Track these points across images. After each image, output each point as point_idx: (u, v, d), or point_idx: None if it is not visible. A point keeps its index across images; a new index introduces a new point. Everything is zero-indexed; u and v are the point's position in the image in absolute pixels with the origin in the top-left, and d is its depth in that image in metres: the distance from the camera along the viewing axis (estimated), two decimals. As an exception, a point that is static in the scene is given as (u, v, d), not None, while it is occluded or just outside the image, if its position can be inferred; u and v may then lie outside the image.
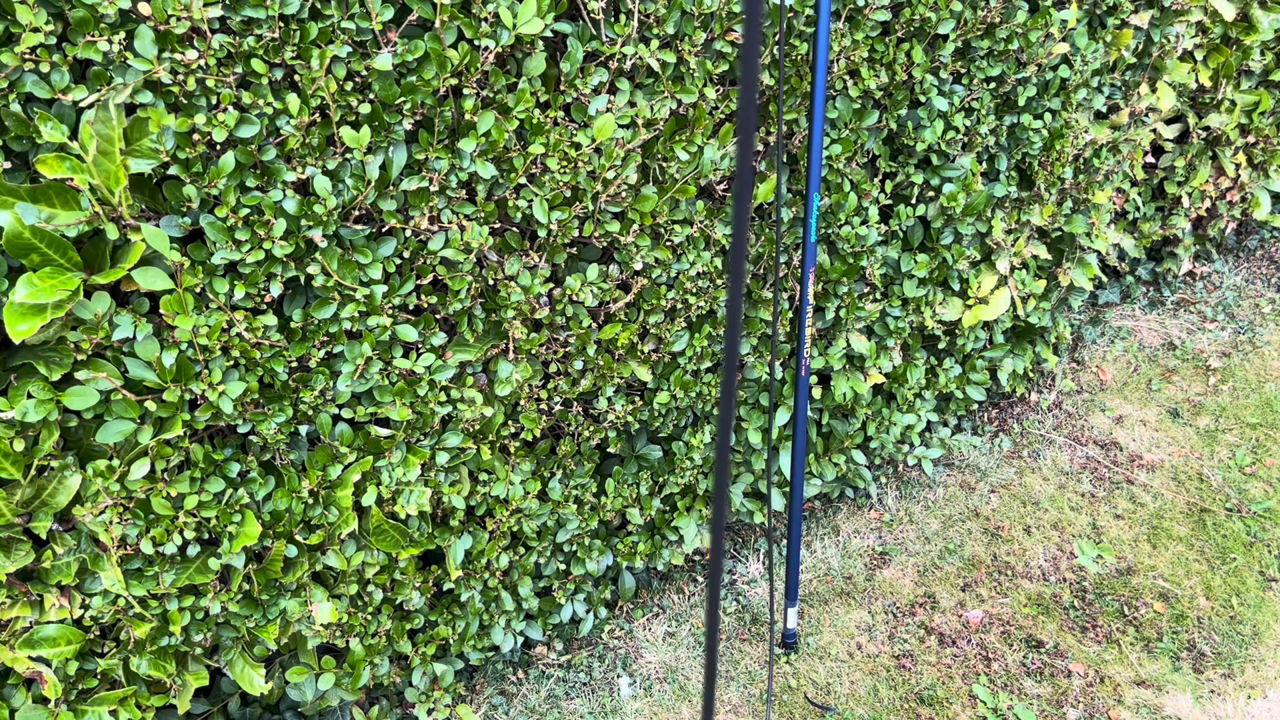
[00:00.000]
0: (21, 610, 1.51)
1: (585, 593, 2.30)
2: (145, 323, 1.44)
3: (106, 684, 1.65)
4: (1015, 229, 2.55)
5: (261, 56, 1.41)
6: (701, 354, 2.10)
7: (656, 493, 2.27)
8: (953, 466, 2.85)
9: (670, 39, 1.76)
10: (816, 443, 2.48)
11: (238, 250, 1.47)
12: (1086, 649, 2.32)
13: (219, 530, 1.61)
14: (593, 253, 1.93)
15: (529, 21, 1.55)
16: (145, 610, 1.60)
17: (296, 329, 1.60)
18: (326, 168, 1.52)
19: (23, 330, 1.27)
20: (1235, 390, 3.04)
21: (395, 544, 1.81)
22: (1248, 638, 2.31)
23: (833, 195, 2.14)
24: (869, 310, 2.33)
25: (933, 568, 2.56)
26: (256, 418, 1.60)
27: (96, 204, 1.35)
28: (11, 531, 1.45)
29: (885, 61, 2.05)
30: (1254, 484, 2.72)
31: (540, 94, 1.66)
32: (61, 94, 1.29)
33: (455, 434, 1.83)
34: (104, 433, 1.46)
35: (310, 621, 1.80)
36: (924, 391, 2.60)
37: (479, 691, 2.28)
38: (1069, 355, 3.21)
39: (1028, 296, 2.64)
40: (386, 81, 1.50)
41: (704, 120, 1.81)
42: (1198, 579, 2.47)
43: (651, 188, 1.83)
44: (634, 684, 2.31)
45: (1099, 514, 2.67)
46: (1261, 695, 2.19)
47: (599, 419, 2.08)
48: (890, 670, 2.30)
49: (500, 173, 1.67)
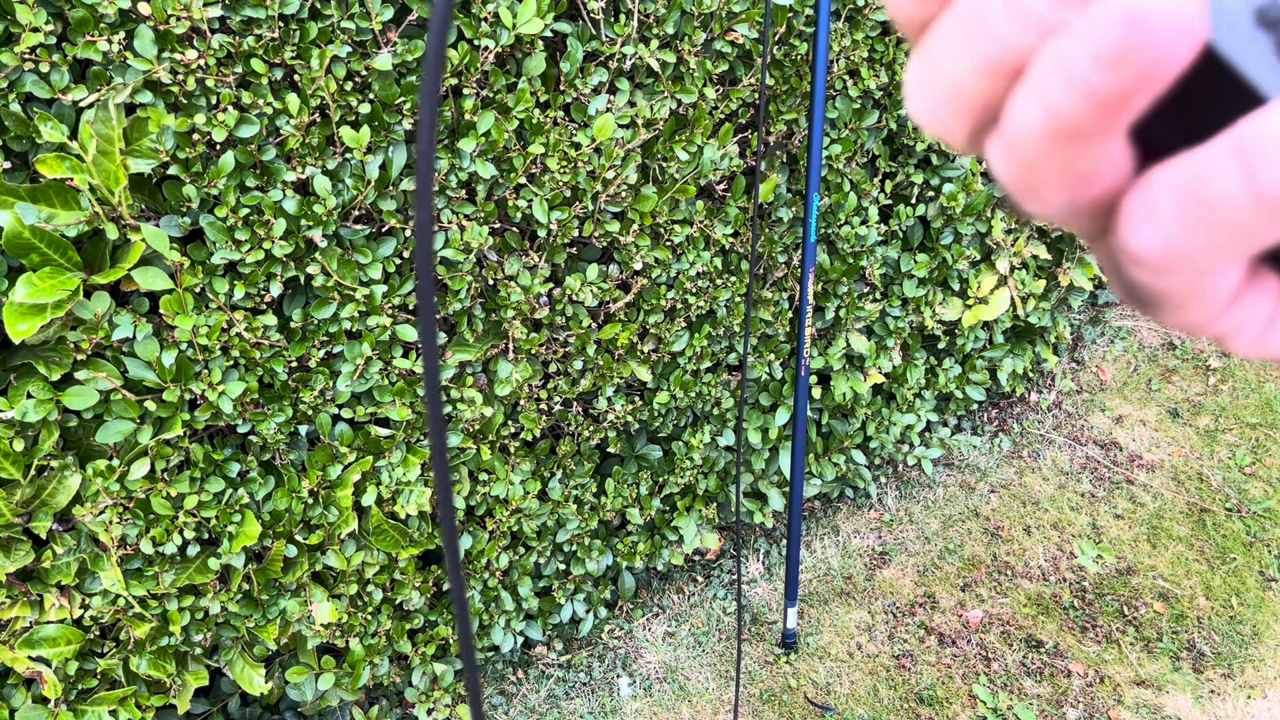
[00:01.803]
0: (21, 610, 1.51)
1: (585, 593, 2.30)
2: (145, 323, 1.44)
3: (106, 684, 1.65)
4: (1015, 229, 2.55)
5: (261, 56, 1.41)
6: (701, 354, 2.10)
7: (656, 493, 2.27)
8: (952, 466, 2.85)
9: (670, 39, 1.76)
10: (816, 443, 2.48)
11: (237, 250, 1.47)
12: (1086, 649, 2.32)
13: (219, 530, 1.61)
14: (592, 253, 1.93)
15: (529, 21, 1.55)
16: (145, 610, 1.60)
17: (296, 329, 1.60)
18: (326, 168, 1.52)
19: (22, 330, 1.27)
20: (1235, 390, 3.04)
21: (395, 544, 1.81)
22: (1247, 638, 2.31)
23: (833, 195, 2.14)
24: (869, 310, 2.33)
25: (933, 568, 2.56)
26: (256, 418, 1.60)
27: (96, 204, 1.35)
28: (11, 531, 1.45)
29: (885, 61, 2.05)
30: (1254, 484, 2.72)
31: (540, 94, 1.66)
32: (61, 94, 1.29)
33: (455, 434, 1.83)
34: (104, 433, 1.46)
35: (310, 621, 1.80)
36: (924, 391, 2.60)
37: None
38: (1069, 355, 3.21)
39: (1028, 296, 2.64)
40: (386, 81, 1.50)
41: (704, 120, 1.81)
42: (1197, 579, 2.47)
43: (651, 188, 1.83)
44: (634, 684, 2.31)
45: (1099, 514, 2.67)
46: (1261, 695, 2.19)
47: (599, 419, 2.08)
48: (890, 670, 2.30)
49: (500, 173, 1.67)
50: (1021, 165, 0.21)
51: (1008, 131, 0.21)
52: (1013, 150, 0.21)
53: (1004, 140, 0.21)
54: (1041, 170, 0.21)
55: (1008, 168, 0.21)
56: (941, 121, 0.22)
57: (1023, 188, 0.21)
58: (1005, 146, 0.21)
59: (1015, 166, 0.21)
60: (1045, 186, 0.21)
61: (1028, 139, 0.20)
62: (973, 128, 0.22)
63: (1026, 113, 0.20)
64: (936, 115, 0.22)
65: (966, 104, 0.21)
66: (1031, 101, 0.20)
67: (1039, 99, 0.19)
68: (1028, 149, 0.20)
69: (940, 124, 0.22)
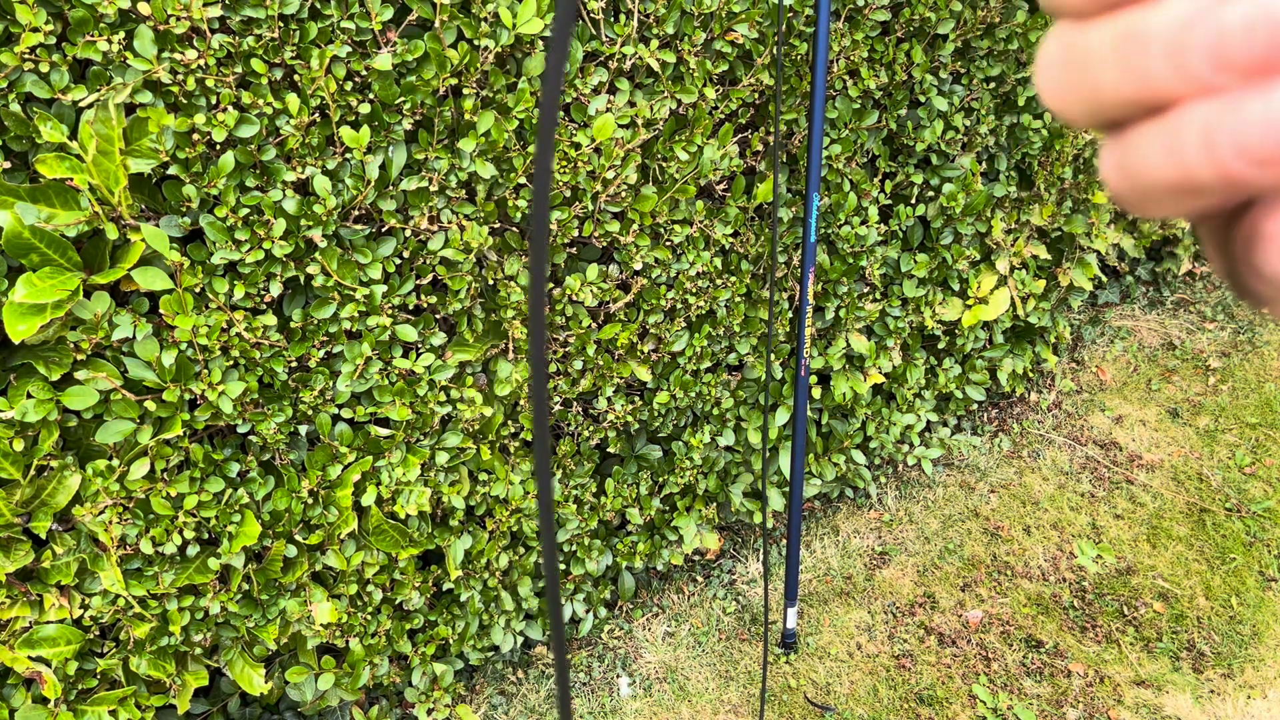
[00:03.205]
0: (21, 610, 1.51)
1: (585, 593, 2.30)
2: (145, 323, 1.44)
3: (106, 684, 1.65)
4: (1015, 229, 2.55)
5: (261, 56, 1.41)
6: (701, 354, 2.10)
7: (656, 493, 2.27)
8: (952, 466, 2.85)
9: (670, 39, 1.76)
10: (816, 443, 2.48)
11: (237, 250, 1.46)
12: (1086, 649, 2.32)
13: (219, 530, 1.61)
14: (592, 253, 1.93)
15: (529, 21, 1.55)
16: (145, 610, 1.60)
17: (296, 329, 1.60)
18: (326, 168, 1.52)
19: (22, 330, 1.27)
20: (1235, 390, 3.04)
21: (395, 544, 1.81)
22: (1247, 638, 2.31)
23: (832, 195, 2.14)
24: (869, 310, 2.33)
25: (932, 568, 2.56)
26: (256, 418, 1.60)
27: (96, 204, 1.35)
28: (11, 531, 1.45)
29: (885, 61, 2.05)
30: (1254, 484, 2.72)
31: (540, 94, 1.66)
32: (61, 94, 1.29)
33: (455, 434, 1.83)
34: (104, 433, 1.46)
35: (310, 621, 1.80)
36: (924, 391, 2.60)
37: (479, 691, 2.28)
38: (1069, 355, 3.21)
39: (1027, 296, 2.64)
40: (386, 81, 1.50)
41: (704, 120, 1.81)
42: (1197, 579, 2.47)
43: (651, 188, 1.83)
44: (633, 684, 2.31)
45: (1099, 514, 2.67)
46: (1261, 695, 2.19)
47: (599, 419, 2.08)
48: (890, 670, 2.30)
49: (500, 173, 1.67)
50: (1135, 188, 0.21)
51: (1131, 160, 0.21)
52: (1129, 174, 0.21)
53: (1124, 161, 0.21)
54: (1155, 197, 0.21)
55: (1118, 180, 0.22)
56: (1068, 108, 0.23)
57: (1129, 198, 0.22)
58: (1123, 167, 0.21)
59: (1127, 184, 0.22)
60: (1154, 206, 0.21)
61: (1150, 178, 0.21)
62: (1096, 124, 0.22)
63: (1158, 160, 0.20)
64: (1064, 100, 0.22)
65: (1099, 106, 0.22)
66: (1166, 155, 0.20)
67: (1174, 156, 0.20)
68: (1147, 185, 0.21)
69: (1065, 109, 0.23)
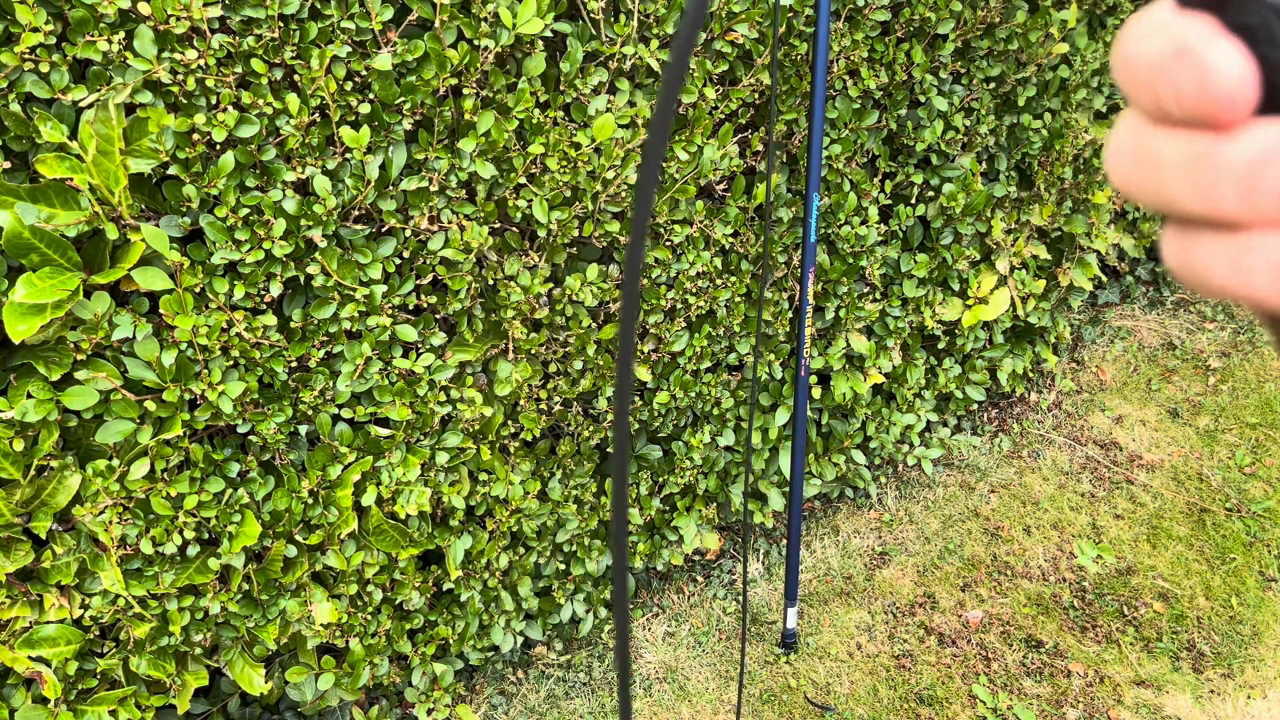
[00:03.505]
0: (21, 610, 1.51)
1: (585, 593, 2.30)
2: (145, 323, 1.44)
3: (106, 684, 1.65)
4: (1015, 229, 2.55)
5: (261, 56, 1.41)
6: (701, 354, 2.10)
7: (656, 493, 2.27)
8: (952, 466, 2.85)
9: (670, 39, 1.76)
10: (816, 443, 2.48)
11: (237, 250, 1.46)
12: (1086, 649, 2.32)
13: (219, 530, 1.61)
14: (593, 253, 1.93)
15: (529, 21, 1.55)
16: (145, 610, 1.60)
17: (296, 329, 1.60)
18: (326, 168, 1.52)
19: (22, 330, 1.27)
20: (1235, 390, 3.04)
21: (395, 544, 1.81)
22: (1247, 638, 2.31)
23: (832, 195, 2.14)
24: (869, 310, 2.33)
25: (932, 568, 2.56)
26: (256, 418, 1.60)
27: (96, 204, 1.35)
28: (11, 531, 1.45)
29: (885, 61, 2.05)
30: (1254, 484, 2.72)
31: (540, 94, 1.66)
32: (61, 94, 1.29)
33: (455, 434, 1.83)
34: (104, 433, 1.46)
35: (310, 621, 1.80)
36: (924, 391, 2.60)
37: (479, 691, 2.28)
38: (1069, 355, 3.21)
39: (1027, 296, 2.64)
40: (386, 81, 1.50)
41: (704, 120, 1.81)
42: (1197, 579, 2.47)
43: (651, 188, 1.83)
44: (633, 684, 2.31)
45: (1099, 514, 2.67)
46: (1261, 695, 2.19)
47: (599, 419, 2.08)
48: (890, 670, 2.30)
49: (500, 173, 1.67)
50: (1199, 284, 0.23)
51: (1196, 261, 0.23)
52: (1193, 271, 0.23)
53: (1188, 259, 0.23)
54: (1216, 296, 0.23)
55: (1180, 268, 0.24)
56: (1135, 197, 0.24)
57: (1189, 284, 0.24)
58: (1186, 263, 0.23)
59: (1189, 275, 0.23)
60: (1215, 296, 0.23)
61: (1216, 285, 0.22)
62: (1158, 211, 0.24)
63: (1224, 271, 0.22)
64: (1133, 191, 0.24)
65: (1167, 208, 0.23)
66: (1233, 272, 0.22)
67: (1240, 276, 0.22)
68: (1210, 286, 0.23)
69: (1133, 197, 0.24)
